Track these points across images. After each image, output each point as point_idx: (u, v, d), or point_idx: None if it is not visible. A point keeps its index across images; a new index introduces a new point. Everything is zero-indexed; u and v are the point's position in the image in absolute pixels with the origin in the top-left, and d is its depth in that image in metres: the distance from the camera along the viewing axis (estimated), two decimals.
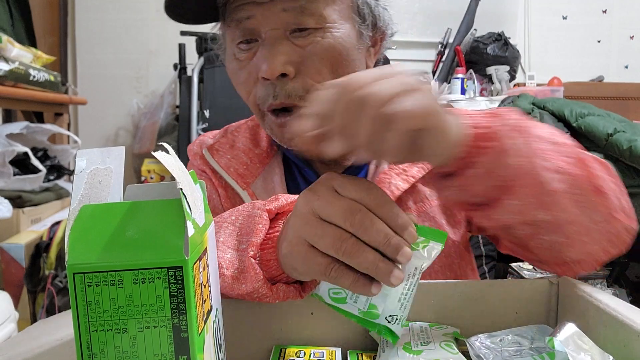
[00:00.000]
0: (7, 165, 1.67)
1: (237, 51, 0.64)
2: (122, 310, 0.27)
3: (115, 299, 0.27)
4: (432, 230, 0.43)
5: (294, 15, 0.59)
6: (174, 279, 0.27)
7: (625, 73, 3.03)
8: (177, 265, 0.27)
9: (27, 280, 1.56)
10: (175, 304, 0.27)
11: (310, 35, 0.60)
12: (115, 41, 2.79)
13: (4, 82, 1.70)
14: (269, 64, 0.59)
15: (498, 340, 0.47)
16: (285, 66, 0.59)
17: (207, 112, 2.29)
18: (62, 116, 2.26)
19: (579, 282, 0.52)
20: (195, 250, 0.29)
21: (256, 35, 0.62)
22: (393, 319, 0.44)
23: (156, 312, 0.27)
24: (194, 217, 0.29)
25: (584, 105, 1.86)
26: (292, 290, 0.49)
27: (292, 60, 0.60)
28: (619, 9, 3.02)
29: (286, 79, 0.60)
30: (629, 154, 1.65)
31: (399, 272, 0.40)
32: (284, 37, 0.60)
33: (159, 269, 0.27)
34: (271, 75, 0.59)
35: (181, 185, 0.28)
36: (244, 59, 0.63)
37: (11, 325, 1.21)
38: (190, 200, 0.29)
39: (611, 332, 0.44)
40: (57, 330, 0.43)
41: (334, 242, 0.40)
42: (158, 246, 0.27)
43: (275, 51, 0.59)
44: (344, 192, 0.41)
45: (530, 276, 1.83)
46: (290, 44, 0.60)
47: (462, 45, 2.66)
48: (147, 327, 0.27)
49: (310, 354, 0.49)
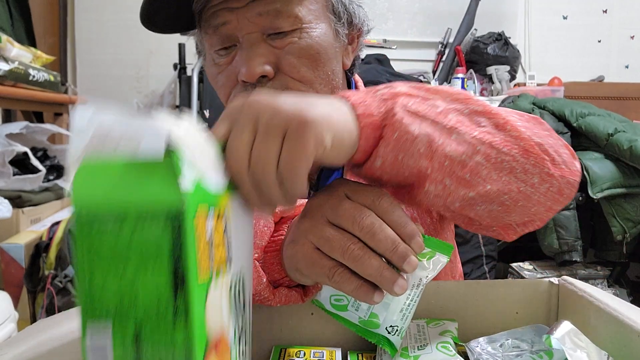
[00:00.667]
0: (7, 165, 1.67)
1: (215, 57, 0.64)
2: (123, 252, 0.27)
3: (116, 241, 0.27)
4: (439, 242, 0.43)
5: (269, 19, 0.59)
6: (176, 222, 0.27)
7: (625, 73, 3.03)
8: (177, 208, 0.26)
9: (26, 281, 1.56)
10: (174, 248, 0.27)
11: (287, 37, 0.60)
12: (115, 41, 2.79)
13: (4, 82, 1.70)
14: (248, 67, 0.59)
15: (498, 345, 0.46)
16: (264, 67, 0.59)
17: (207, 112, 2.29)
18: (61, 116, 2.26)
19: (579, 282, 0.52)
20: (200, 199, 0.29)
21: (234, 40, 0.62)
22: (393, 329, 0.44)
23: (156, 255, 0.27)
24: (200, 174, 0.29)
25: (584, 105, 1.86)
26: (294, 294, 0.48)
27: (270, 61, 0.60)
28: (619, 8, 3.02)
29: (265, 80, 0.60)
30: (629, 154, 1.65)
31: (403, 281, 0.40)
32: (261, 40, 0.60)
33: (158, 210, 0.27)
34: (251, 77, 0.59)
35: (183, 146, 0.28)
36: (223, 64, 0.63)
37: (11, 325, 1.21)
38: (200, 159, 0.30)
39: (612, 332, 0.44)
40: (57, 330, 0.43)
41: (340, 245, 0.39)
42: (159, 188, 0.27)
43: (253, 54, 0.59)
44: (354, 197, 0.41)
45: (531, 276, 1.83)
46: (268, 46, 0.60)
47: (462, 45, 2.66)
48: (145, 269, 0.27)
49: (310, 354, 0.49)
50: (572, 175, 0.48)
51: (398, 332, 0.44)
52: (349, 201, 0.41)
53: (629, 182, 1.69)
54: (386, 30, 2.83)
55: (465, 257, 1.73)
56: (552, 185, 0.46)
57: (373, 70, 2.09)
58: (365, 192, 0.41)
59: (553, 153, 0.46)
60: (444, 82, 2.63)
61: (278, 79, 0.61)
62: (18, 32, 2.14)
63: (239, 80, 0.61)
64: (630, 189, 1.68)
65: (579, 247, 1.74)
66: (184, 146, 0.28)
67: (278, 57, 0.60)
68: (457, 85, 2.53)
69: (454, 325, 0.51)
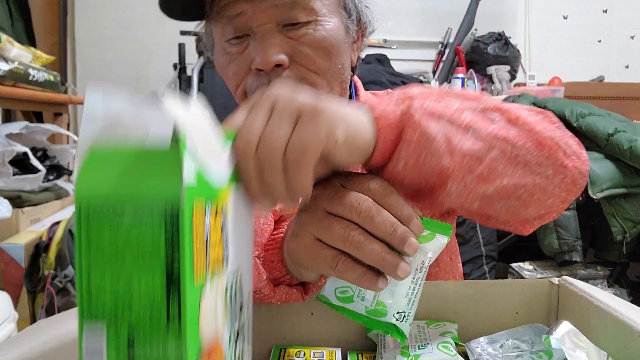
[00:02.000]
0: (7, 165, 1.66)
1: (227, 46, 0.64)
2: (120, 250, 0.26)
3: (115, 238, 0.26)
4: (437, 223, 0.43)
5: (285, 10, 0.60)
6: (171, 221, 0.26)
7: (625, 73, 3.03)
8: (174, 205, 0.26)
9: (26, 281, 1.56)
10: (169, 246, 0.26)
11: (302, 29, 0.61)
12: (115, 41, 2.79)
13: (4, 82, 1.69)
14: (263, 55, 0.59)
15: (498, 346, 0.46)
16: (280, 56, 0.60)
17: None
18: (61, 116, 2.26)
19: (579, 282, 0.52)
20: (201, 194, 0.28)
21: (247, 30, 0.62)
22: (401, 316, 0.44)
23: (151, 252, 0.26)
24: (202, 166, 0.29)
25: (584, 105, 1.86)
26: (294, 292, 0.48)
27: (285, 51, 0.60)
28: (619, 8, 3.02)
29: (280, 69, 0.61)
30: (629, 154, 1.65)
31: (406, 264, 0.40)
32: (275, 30, 0.61)
33: (155, 205, 0.26)
34: (266, 66, 0.59)
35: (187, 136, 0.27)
36: (235, 53, 0.63)
37: (11, 325, 1.21)
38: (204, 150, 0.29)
39: (612, 332, 0.44)
40: (57, 331, 0.43)
41: (340, 232, 0.40)
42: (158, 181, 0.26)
43: (268, 43, 0.60)
44: (349, 185, 0.41)
45: (531, 276, 1.83)
46: (283, 37, 0.61)
47: (462, 45, 2.66)
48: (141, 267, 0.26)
49: (310, 354, 0.49)
50: (583, 165, 0.48)
51: (406, 319, 0.44)
52: (345, 190, 0.41)
53: (629, 182, 1.69)
54: (386, 30, 2.83)
55: (465, 257, 1.73)
56: (565, 176, 0.46)
57: (373, 71, 2.09)
58: (359, 179, 0.41)
59: (564, 145, 0.47)
60: (444, 82, 2.63)
61: (293, 68, 0.61)
62: (18, 32, 2.14)
63: (253, 69, 0.61)
64: (630, 189, 1.68)
65: (579, 247, 1.74)
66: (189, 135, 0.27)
67: (292, 48, 0.61)
68: (457, 85, 2.53)
69: (454, 327, 0.51)
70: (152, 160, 0.27)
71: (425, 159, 0.42)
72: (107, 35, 2.78)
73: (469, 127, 0.43)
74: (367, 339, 0.52)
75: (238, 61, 0.63)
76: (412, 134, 0.41)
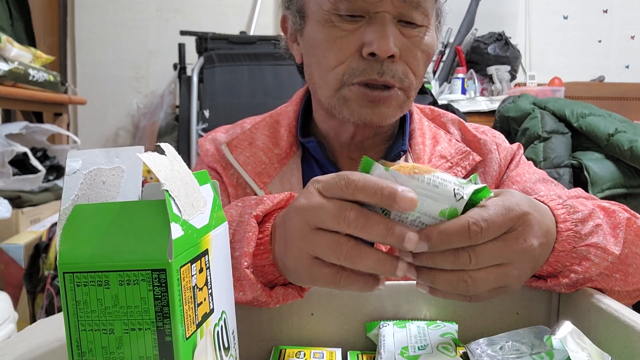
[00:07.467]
0: (7, 165, 1.66)
1: (336, 20, 0.63)
2: (109, 310, 0.27)
3: (102, 300, 0.27)
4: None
5: (409, 8, 0.62)
6: (158, 282, 0.26)
7: (626, 73, 3.03)
8: (161, 268, 0.26)
9: (26, 281, 1.56)
10: (159, 307, 0.27)
11: (415, 29, 0.64)
12: (115, 41, 2.79)
13: (4, 82, 1.69)
14: (385, 44, 0.61)
15: (498, 348, 0.46)
16: (395, 48, 0.62)
17: (206, 112, 2.28)
18: (61, 116, 2.26)
19: None
20: (185, 252, 0.28)
21: (363, 12, 0.63)
22: (457, 195, 0.40)
23: (141, 315, 0.27)
24: (185, 218, 0.29)
25: (584, 106, 1.86)
26: (291, 291, 0.48)
27: (398, 44, 0.63)
28: (619, 8, 3.02)
29: (392, 59, 0.63)
30: (629, 154, 1.65)
31: (403, 263, 0.40)
32: (392, 22, 0.63)
33: (142, 271, 0.26)
34: (384, 53, 0.61)
35: (167, 187, 0.28)
36: (347, 30, 0.63)
37: (10, 325, 1.21)
38: (183, 201, 0.29)
39: (612, 332, 0.44)
40: (57, 331, 0.43)
41: (332, 248, 0.39)
42: (144, 248, 0.27)
43: (389, 32, 0.62)
44: (328, 193, 0.40)
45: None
46: (398, 31, 0.63)
47: (462, 45, 2.66)
48: (132, 329, 0.27)
49: (310, 354, 0.49)
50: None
51: (464, 187, 0.41)
52: (325, 200, 0.40)
53: (630, 183, 1.68)
54: None
55: None
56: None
57: None
58: (331, 182, 0.40)
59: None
60: (444, 82, 2.63)
61: (399, 64, 0.64)
62: (18, 32, 2.14)
63: (364, 53, 0.62)
64: (630, 190, 1.68)
65: None
66: (169, 187, 0.28)
67: (403, 44, 0.63)
68: (457, 85, 2.53)
69: (454, 328, 0.51)
70: (134, 216, 0.28)
71: (597, 276, 0.49)
72: (107, 35, 2.78)
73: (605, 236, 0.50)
74: (367, 339, 0.52)
75: (347, 39, 0.63)
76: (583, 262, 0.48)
